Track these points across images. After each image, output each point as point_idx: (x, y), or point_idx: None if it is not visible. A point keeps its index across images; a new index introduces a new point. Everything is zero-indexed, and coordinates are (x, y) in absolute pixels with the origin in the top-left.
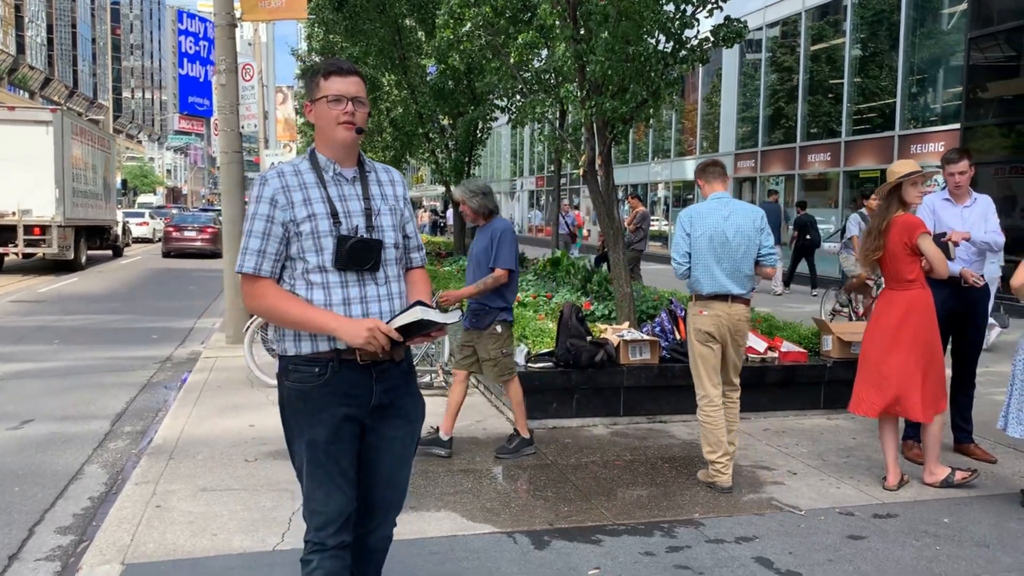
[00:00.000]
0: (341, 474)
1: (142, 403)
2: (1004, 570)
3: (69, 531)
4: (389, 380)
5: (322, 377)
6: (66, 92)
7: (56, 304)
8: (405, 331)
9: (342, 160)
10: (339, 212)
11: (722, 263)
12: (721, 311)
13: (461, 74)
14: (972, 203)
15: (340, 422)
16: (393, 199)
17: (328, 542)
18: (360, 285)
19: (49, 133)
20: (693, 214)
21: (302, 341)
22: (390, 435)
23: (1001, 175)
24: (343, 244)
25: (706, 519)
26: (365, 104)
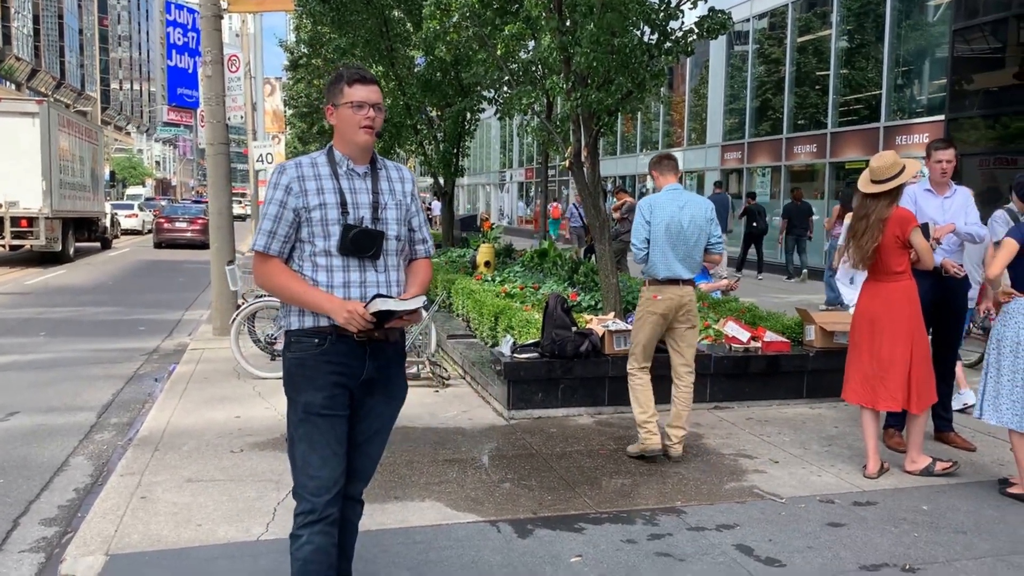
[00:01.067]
0: (337, 441)
1: (128, 395)
2: (981, 556)
3: (54, 522)
4: (382, 358)
5: (320, 347)
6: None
7: (43, 296)
8: (380, 317)
9: (357, 158)
10: (348, 203)
11: (677, 250)
12: (673, 294)
13: (448, 65)
14: (952, 194)
15: (333, 388)
16: (401, 195)
17: (322, 510)
18: (360, 270)
19: (36, 125)
20: (652, 204)
21: (305, 316)
22: (372, 407)
23: (985, 166)
24: (348, 232)
25: (688, 507)
26: (382, 110)
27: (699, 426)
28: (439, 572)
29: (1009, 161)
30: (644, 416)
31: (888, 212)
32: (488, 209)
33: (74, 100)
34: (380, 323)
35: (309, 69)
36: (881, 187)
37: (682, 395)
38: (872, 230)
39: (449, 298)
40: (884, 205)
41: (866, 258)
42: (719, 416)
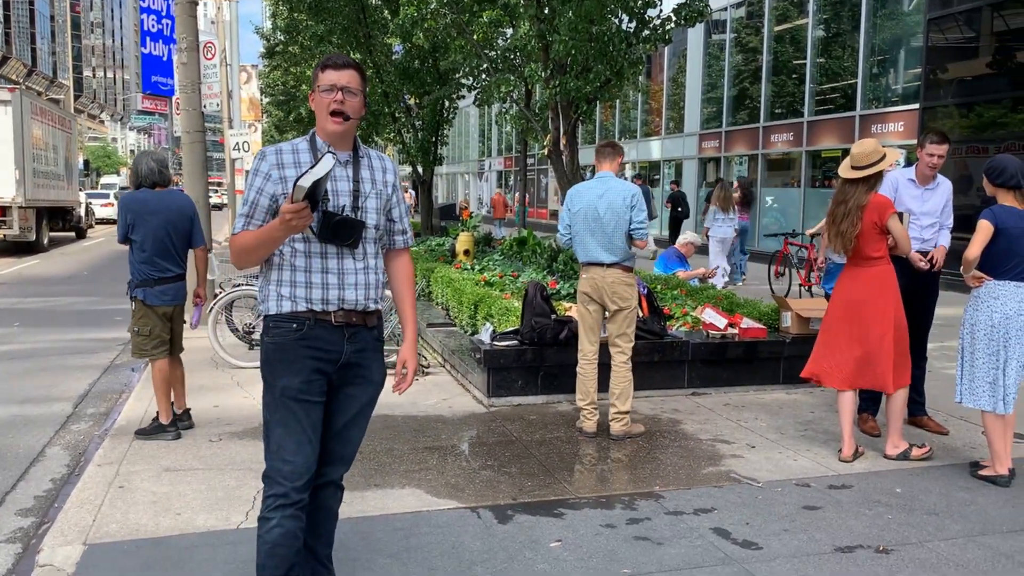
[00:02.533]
0: (312, 427)
1: (105, 385)
2: (953, 536)
3: (30, 513)
4: (359, 342)
5: (299, 332)
6: (24, 71)
7: (17, 286)
8: (310, 199)
9: (336, 144)
10: (329, 191)
11: (595, 235)
12: (596, 275)
13: (426, 53)
14: (935, 186)
15: (311, 373)
16: (382, 184)
17: (293, 495)
18: (339, 258)
19: (8, 113)
20: (574, 192)
21: (283, 301)
22: (351, 393)
23: (958, 155)
24: (328, 219)
25: (666, 492)
26: (356, 94)
27: (677, 412)
28: (420, 558)
29: (982, 150)
30: (582, 403)
31: (866, 199)
32: (467, 198)
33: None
34: (314, 203)
35: (286, 57)
36: (860, 173)
37: (612, 375)
38: (851, 216)
39: (428, 287)
40: (863, 191)
41: (847, 247)
42: (696, 402)
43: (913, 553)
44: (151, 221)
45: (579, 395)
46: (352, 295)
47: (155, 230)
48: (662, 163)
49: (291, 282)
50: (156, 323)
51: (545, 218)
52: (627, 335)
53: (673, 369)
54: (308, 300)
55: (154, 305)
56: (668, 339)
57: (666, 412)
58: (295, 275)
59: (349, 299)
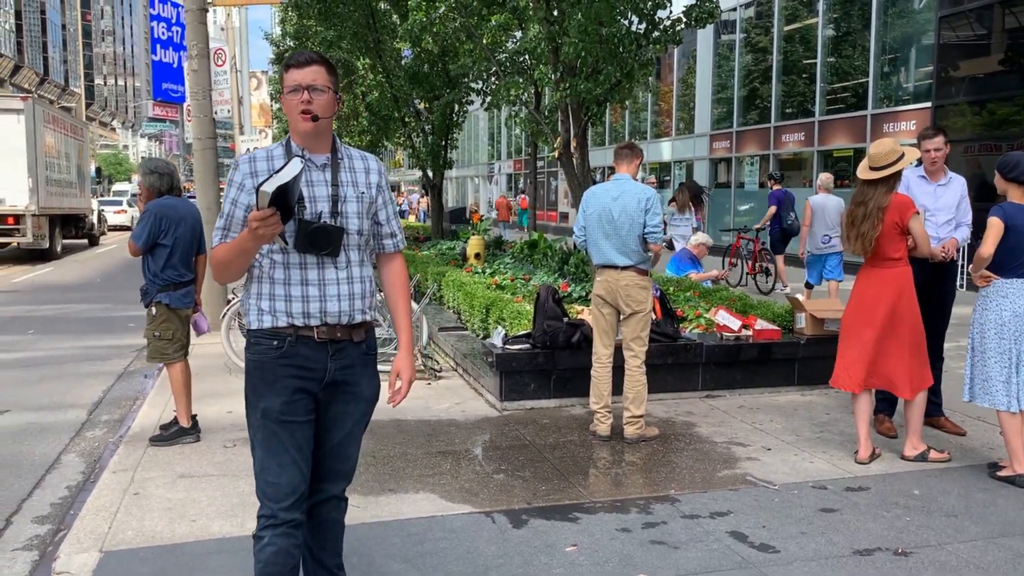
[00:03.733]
0: (296, 448)
1: (119, 392)
2: (972, 539)
3: (47, 520)
4: (345, 358)
5: (279, 350)
6: (37, 79)
7: (31, 294)
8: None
9: (312, 147)
10: (305, 197)
11: (609, 238)
12: (610, 277)
13: (435, 57)
14: (947, 182)
15: (294, 393)
16: (365, 186)
17: (281, 515)
18: (319, 268)
19: (21, 122)
20: (589, 194)
21: (263, 316)
22: (341, 411)
23: (971, 153)
24: (303, 229)
25: (681, 495)
26: (325, 91)
27: (691, 414)
28: (435, 563)
29: (995, 148)
30: (596, 406)
31: (887, 200)
32: (477, 201)
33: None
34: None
35: None
36: (879, 174)
37: (626, 378)
38: (872, 217)
39: (440, 291)
40: (883, 192)
41: (867, 246)
42: (711, 404)
43: (932, 555)
44: (181, 227)
45: (593, 398)
46: (335, 307)
47: (183, 235)
48: (673, 164)
49: (270, 295)
50: (179, 326)
51: (555, 221)
52: (641, 338)
53: (687, 371)
54: (289, 314)
55: (178, 308)
56: (681, 341)
57: (680, 415)
58: (274, 288)
59: (332, 311)
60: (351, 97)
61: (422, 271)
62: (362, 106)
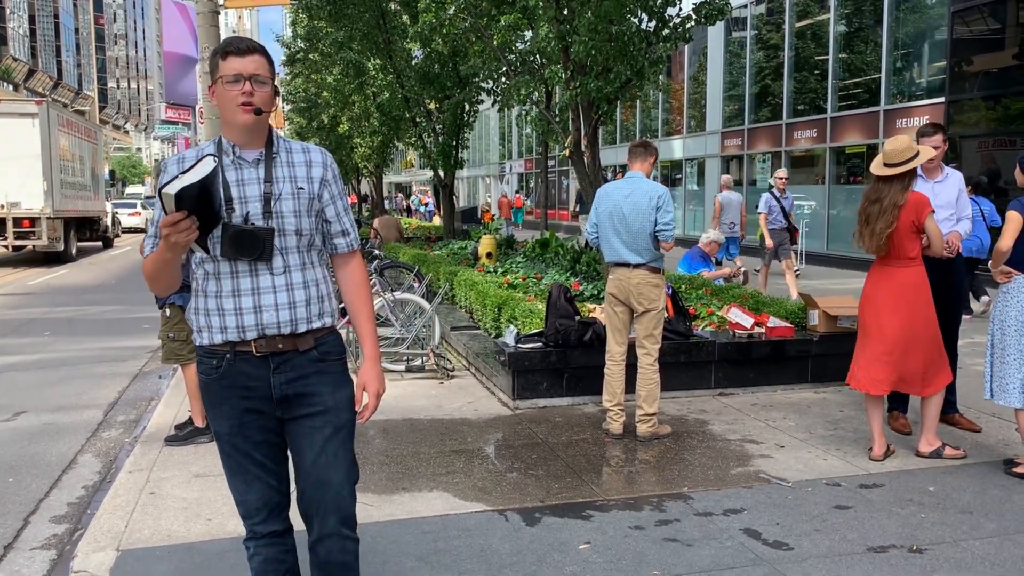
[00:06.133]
0: (257, 464)
1: (135, 392)
2: (988, 535)
3: (64, 519)
4: (292, 371)
5: (218, 370)
6: (51, 83)
7: (47, 296)
8: (187, 206)
9: (244, 143)
10: (233, 198)
11: (621, 236)
12: (622, 275)
13: (446, 57)
14: (944, 178)
15: (242, 415)
16: (305, 181)
17: (258, 529)
18: (252, 275)
19: (36, 125)
20: (602, 192)
21: (202, 333)
22: (307, 427)
23: (986, 148)
24: (225, 233)
25: (695, 493)
26: (267, 83)
27: (704, 412)
28: (449, 561)
29: (1009, 143)
30: (608, 404)
31: (903, 197)
32: (488, 201)
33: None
34: (206, 213)
35: (306, 64)
36: (894, 170)
37: (639, 376)
38: (886, 215)
39: (452, 290)
40: (898, 190)
41: (881, 244)
42: (724, 402)
43: (947, 552)
44: None
45: (606, 396)
46: (272, 318)
47: None
48: (684, 162)
49: (205, 310)
50: None
51: (566, 219)
52: (654, 336)
53: (699, 369)
54: (223, 330)
55: None
56: (694, 339)
57: (693, 413)
58: (207, 302)
59: (269, 323)
60: (362, 98)
61: (434, 270)
62: (373, 107)
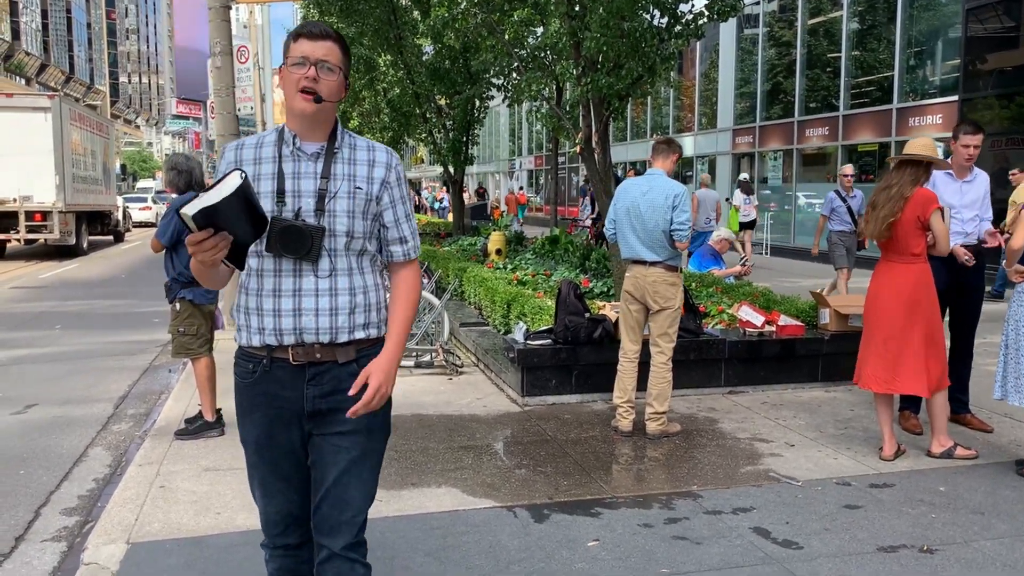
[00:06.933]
0: (280, 477)
1: (144, 386)
2: (999, 536)
3: (74, 512)
4: (327, 384)
5: (253, 375)
6: (63, 78)
7: (58, 289)
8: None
9: (306, 133)
10: (286, 191)
11: (637, 232)
12: (638, 273)
13: (457, 53)
14: (973, 179)
15: (270, 425)
16: (363, 181)
17: (275, 540)
18: (295, 276)
19: (48, 120)
20: (621, 188)
21: (240, 332)
22: (334, 445)
23: (999, 147)
24: (272, 227)
25: (704, 491)
26: (335, 72)
27: (714, 410)
28: (458, 557)
29: (1022, 141)
30: (619, 400)
31: (911, 190)
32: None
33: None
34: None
35: None
36: (911, 156)
37: (651, 374)
38: (892, 203)
39: (461, 286)
40: (908, 182)
41: (881, 230)
42: (734, 400)
43: (958, 553)
44: None
45: (616, 392)
46: (311, 323)
47: None
48: (695, 159)
49: (245, 308)
50: (202, 322)
51: (576, 215)
52: (668, 335)
53: (709, 367)
54: (261, 331)
55: (201, 304)
56: (704, 337)
57: (703, 411)
58: (248, 300)
59: (308, 328)
60: (372, 94)
61: (443, 267)
62: (383, 102)
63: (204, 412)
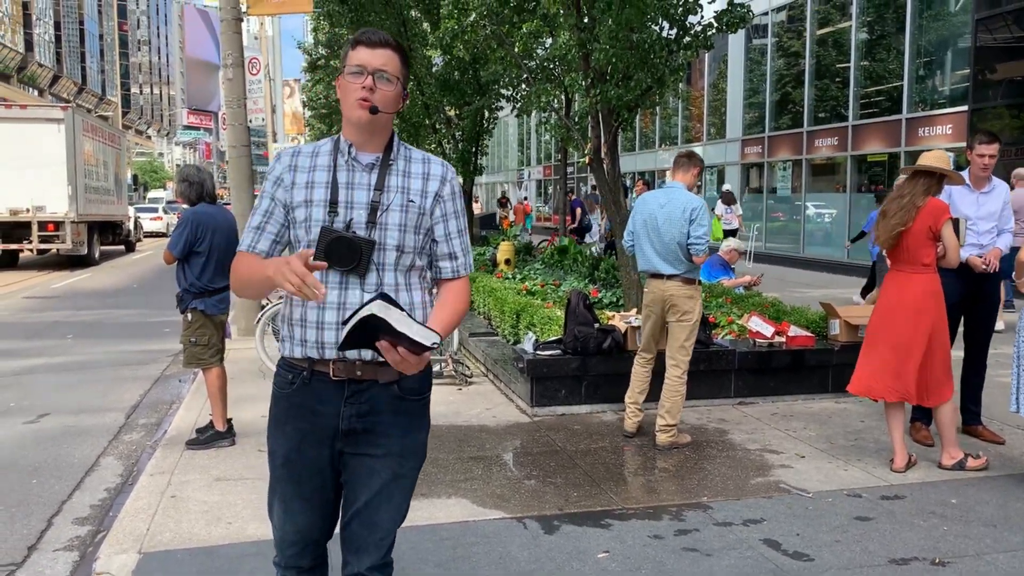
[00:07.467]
0: (303, 499)
1: (156, 395)
2: (1011, 549)
3: (87, 521)
4: (366, 403)
5: (292, 386)
6: (75, 89)
7: (70, 299)
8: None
9: (361, 143)
10: (340, 201)
11: (654, 245)
12: (656, 287)
13: (466, 64)
14: (990, 190)
15: (301, 441)
16: (417, 195)
17: (289, 561)
18: (341, 288)
19: (61, 131)
20: (640, 200)
21: (284, 343)
22: (368, 467)
23: (1008, 157)
24: (323, 238)
25: (714, 502)
26: (394, 82)
27: (724, 422)
28: (467, 568)
29: None
30: (628, 399)
31: (923, 199)
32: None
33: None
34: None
35: (328, 71)
36: (926, 167)
37: (664, 386)
38: (903, 212)
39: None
40: (921, 191)
41: (891, 237)
42: (744, 412)
43: (970, 565)
44: (216, 235)
45: (629, 392)
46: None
47: (219, 243)
48: (704, 170)
49: (290, 319)
50: (213, 332)
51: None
52: (685, 348)
53: (719, 378)
54: (303, 343)
55: (213, 315)
56: (714, 348)
57: (712, 422)
58: (293, 311)
59: None
60: None
61: None
62: None
63: (215, 422)
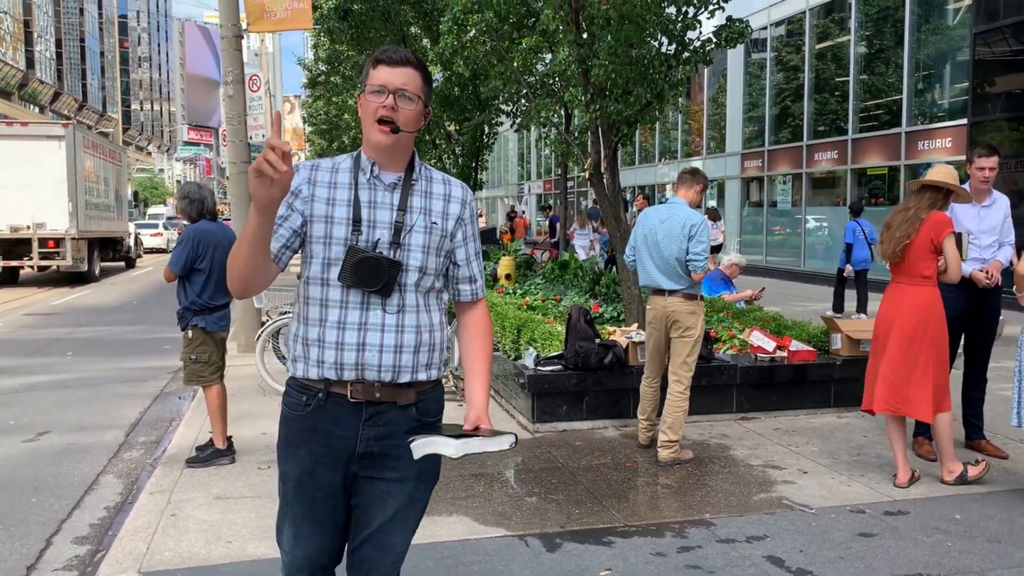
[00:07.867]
0: (315, 522)
1: (155, 413)
2: (1016, 565)
3: (86, 541)
4: (384, 426)
5: (305, 408)
6: (76, 106)
7: (70, 316)
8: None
9: (383, 163)
10: (363, 219)
11: (654, 260)
12: (658, 304)
13: (466, 80)
14: (991, 203)
15: (315, 464)
16: (439, 216)
17: None
18: (362, 309)
19: (62, 147)
20: (642, 215)
21: (296, 363)
22: (383, 491)
23: (1008, 170)
24: (350, 257)
25: (717, 519)
26: (415, 100)
27: (726, 437)
28: None
29: None
30: (640, 415)
31: (928, 212)
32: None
33: (96, 121)
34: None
35: (328, 87)
36: (933, 182)
37: (666, 402)
38: (908, 224)
39: None
40: (926, 205)
41: (896, 251)
42: (745, 427)
43: None
44: (217, 252)
45: (640, 409)
46: (374, 359)
47: (220, 260)
48: None
49: (304, 339)
50: (214, 349)
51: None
52: (687, 364)
53: (721, 393)
54: (319, 364)
55: (213, 332)
56: (715, 363)
57: (714, 437)
58: (308, 331)
59: (371, 364)
60: None
61: None
62: None
63: (215, 440)
